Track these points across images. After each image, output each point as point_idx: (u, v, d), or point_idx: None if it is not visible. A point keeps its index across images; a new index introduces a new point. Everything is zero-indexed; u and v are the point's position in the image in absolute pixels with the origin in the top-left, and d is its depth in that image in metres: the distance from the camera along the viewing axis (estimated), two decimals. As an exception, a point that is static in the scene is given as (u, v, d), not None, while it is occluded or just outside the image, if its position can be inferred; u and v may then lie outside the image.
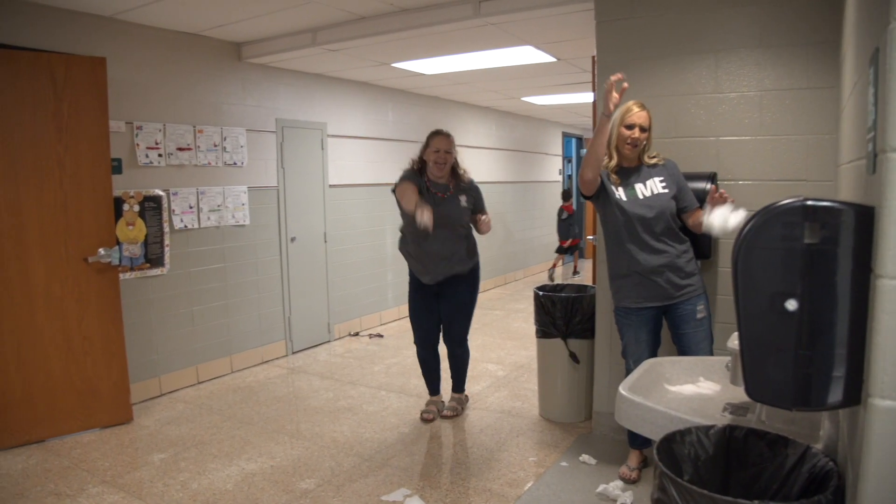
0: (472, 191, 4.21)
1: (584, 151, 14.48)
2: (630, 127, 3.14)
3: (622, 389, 2.35)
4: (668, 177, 3.22)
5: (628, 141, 3.15)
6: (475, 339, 6.34)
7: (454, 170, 4.17)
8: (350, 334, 6.87)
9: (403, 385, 5.12)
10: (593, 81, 4.08)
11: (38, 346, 4.01)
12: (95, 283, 4.18)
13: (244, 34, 5.15)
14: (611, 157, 3.22)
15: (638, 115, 3.13)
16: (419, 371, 5.19)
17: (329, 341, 6.60)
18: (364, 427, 4.26)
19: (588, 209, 9.22)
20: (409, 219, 3.91)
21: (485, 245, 4.79)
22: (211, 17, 4.63)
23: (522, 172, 10.69)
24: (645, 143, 3.20)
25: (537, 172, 11.27)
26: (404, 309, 7.64)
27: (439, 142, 4.06)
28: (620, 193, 3.19)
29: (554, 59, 5.78)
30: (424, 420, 4.42)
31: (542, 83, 7.25)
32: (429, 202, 3.85)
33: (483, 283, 5.58)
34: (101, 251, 4.13)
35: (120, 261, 4.34)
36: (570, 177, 13.15)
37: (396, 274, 7.56)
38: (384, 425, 4.29)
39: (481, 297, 8.71)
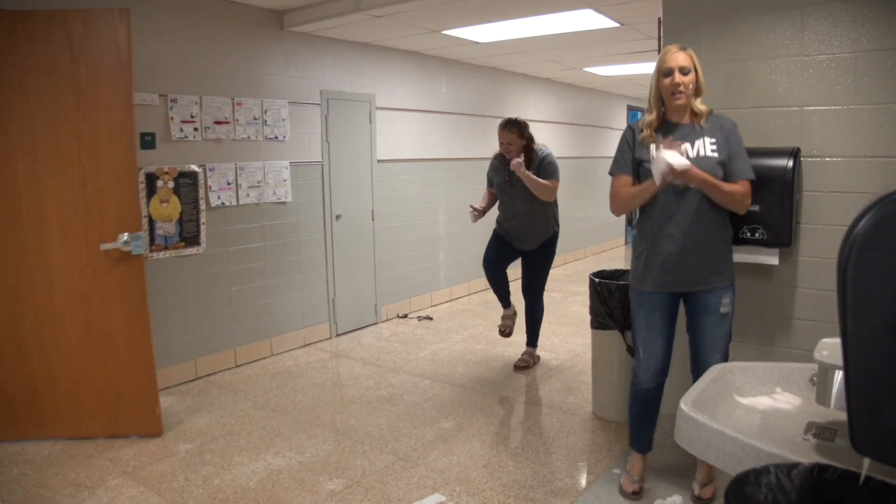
0: (539, 166, 4.44)
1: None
2: (668, 74, 2.65)
3: (684, 405, 1.96)
4: (720, 139, 2.70)
5: (671, 91, 2.65)
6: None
7: (527, 150, 4.44)
8: (398, 316, 6.62)
9: (449, 373, 4.83)
10: (659, 47, 3.63)
11: (59, 337, 3.63)
12: (117, 274, 3.59)
13: (285, 1, 4.86)
14: (651, 111, 2.74)
15: (674, 57, 2.64)
16: (466, 359, 5.04)
17: (376, 323, 6.36)
18: (402, 420, 3.98)
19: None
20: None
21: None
22: (247, -18, 4.36)
23: (585, 147, 10.17)
24: (693, 87, 2.67)
25: (600, 147, 10.70)
26: (456, 290, 7.42)
27: (500, 135, 4.46)
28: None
29: (617, 24, 5.30)
30: (502, 333, 4.87)
31: (605, 52, 6.74)
32: (501, 182, 4.60)
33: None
34: (124, 237, 3.52)
35: (148, 248, 4.09)
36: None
37: (449, 253, 7.26)
38: (424, 419, 4.00)
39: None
